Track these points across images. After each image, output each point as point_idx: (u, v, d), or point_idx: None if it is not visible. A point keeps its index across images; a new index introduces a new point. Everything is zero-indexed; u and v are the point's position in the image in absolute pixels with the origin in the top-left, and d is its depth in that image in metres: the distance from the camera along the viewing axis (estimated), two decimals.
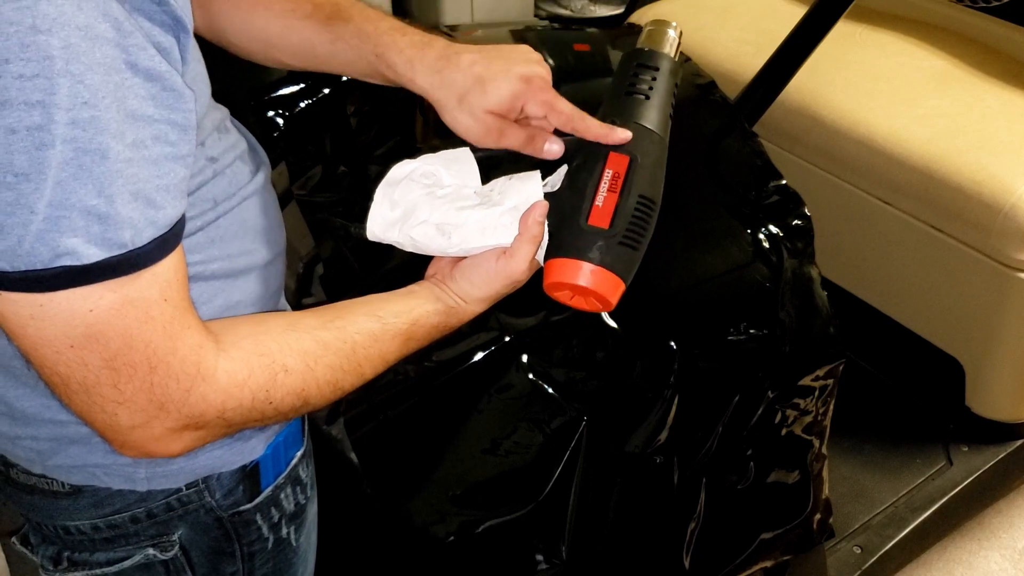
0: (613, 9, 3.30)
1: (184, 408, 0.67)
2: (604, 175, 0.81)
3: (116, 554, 0.87)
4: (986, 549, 2.02)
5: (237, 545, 0.91)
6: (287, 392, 0.72)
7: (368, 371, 0.79)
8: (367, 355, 0.78)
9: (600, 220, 0.79)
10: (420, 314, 0.82)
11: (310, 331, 0.76)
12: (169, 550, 0.87)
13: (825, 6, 1.50)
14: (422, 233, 0.82)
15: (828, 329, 1.26)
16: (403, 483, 1.20)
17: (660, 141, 0.84)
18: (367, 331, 0.78)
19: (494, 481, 1.17)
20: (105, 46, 0.59)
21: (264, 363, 0.71)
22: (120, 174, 0.60)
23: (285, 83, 1.71)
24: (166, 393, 0.66)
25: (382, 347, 0.79)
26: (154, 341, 0.64)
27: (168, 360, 0.65)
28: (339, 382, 0.76)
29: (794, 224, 1.31)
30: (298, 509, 0.95)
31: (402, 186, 0.85)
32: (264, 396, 0.71)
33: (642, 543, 1.21)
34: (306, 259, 1.61)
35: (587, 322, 1.14)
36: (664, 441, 1.14)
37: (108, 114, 0.59)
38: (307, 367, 0.73)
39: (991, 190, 1.65)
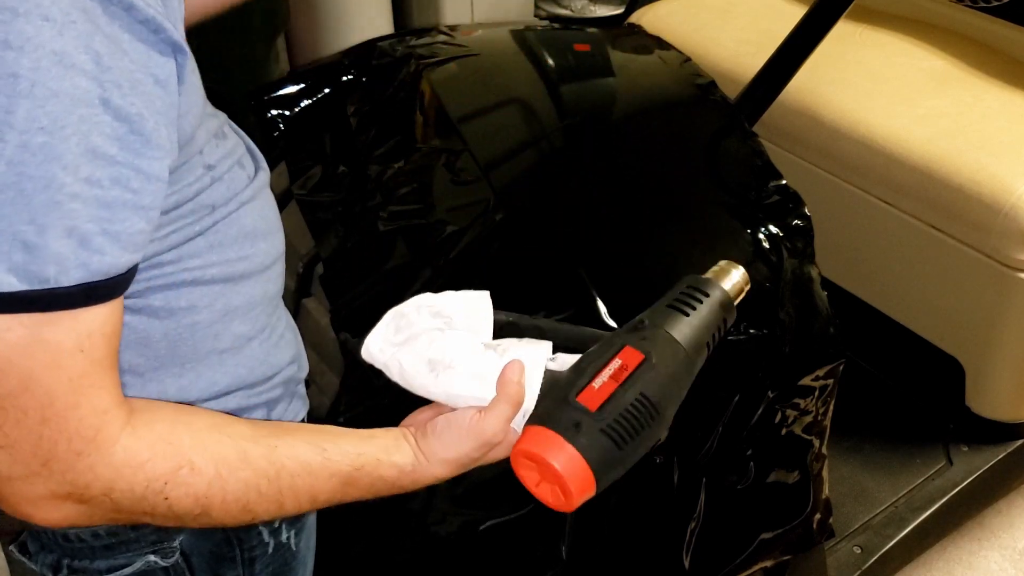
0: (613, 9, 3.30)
1: (68, 473, 0.62)
2: (611, 363, 0.77)
3: (117, 561, 0.86)
4: (986, 549, 2.02)
5: (238, 551, 0.90)
6: (187, 494, 0.67)
7: (289, 504, 0.72)
8: (292, 485, 0.72)
9: (589, 401, 0.74)
10: (369, 461, 0.75)
11: (236, 439, 0.71)
12: (170, 556, 0.86)
13: (825, 6, 1.50)
14: (411, 363, 0.79)
15: (828, 329, 1.26)
16: None
17: (686, 358, 0.80)
18: (302, 460, 0.72)
19: (494, 481, 1.17)
20: (78, 77, 0.57)
21: (169, 452, 0.66)
22: (60, 207, 0.58)
23: (285, 83, 1.71)
24: (53, 451, 0.61)
25: (313, 482, 0.73)
26: (55, 391, 0.60)
27: (65, 415, 0.61)
28: (251, 504, 0.70)
29: (794, 224, 1.31)
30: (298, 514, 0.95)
31: (412, 316, 0.82)
32: (159, 488, 0.66)
33: (642, 543, 1.21)
34: (306, 259, 1.61)
35: (587, 322, 1.14)
36: (664, 441, 1.14)
37: (64, 145, 0.57)
38: (217, 474, 0.68)
39: (991, 190, 1.65)
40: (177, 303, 0.75)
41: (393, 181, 1.45)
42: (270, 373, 0.87)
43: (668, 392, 0.78)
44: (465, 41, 1.71)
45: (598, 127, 1.54)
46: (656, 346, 0.79)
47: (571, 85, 1.64)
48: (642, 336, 0.80)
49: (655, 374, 0.77)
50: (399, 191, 1.42)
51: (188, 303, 0.75)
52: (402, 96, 1.59)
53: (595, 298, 1.14)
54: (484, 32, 1.85)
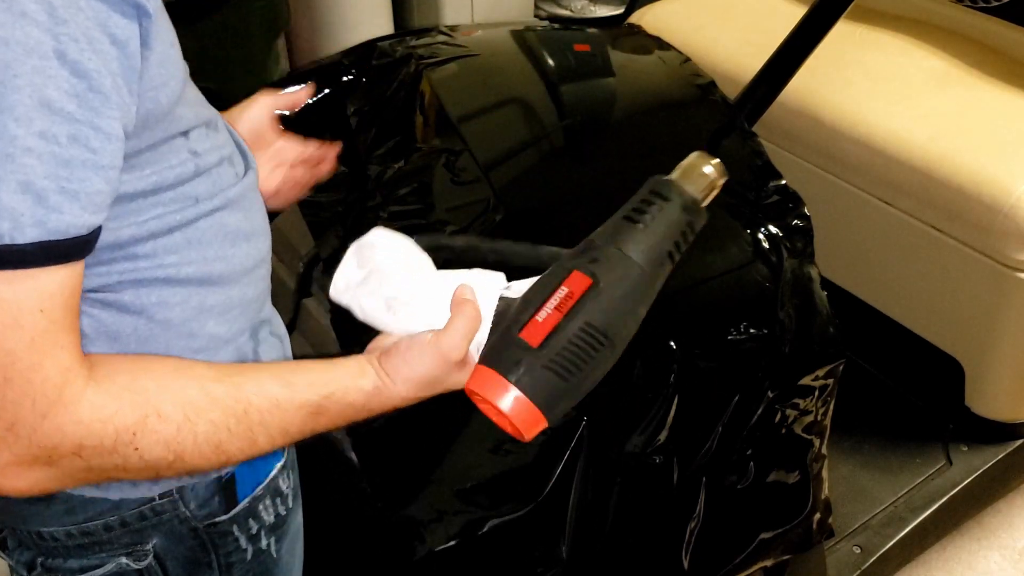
0: (613, 9, 3.31)
1: (35, 435, 0.61)
2: (557, 292, 0.73)
3: (90, 561, 0.85)
4: (986, 549, 2.02)
5: (214, 555, 0.89)
6: (157, 441, 0.66)
7: (262, 439, 0.72)
8: (262, 420, 0.71)
9: (532, 336, 0.72)
10: (336, 388, 0.74)
11: (199, 380, 0.69)
12: (143, 559, 0.85)
13: (825, 6, 1.50)
14: (371, 305, 0.78)
15: (828, 329, 1.26)
16: (403, 482, 1.20)
17: (640, 275, 0.75)
18: (269, 395, 0.72)
19: (494, 481, 1.17)
20: (29, 26, 0.56)
21: (136, 401, 0.65)
22: (11, 159, 0.56)
23: (285, 83, 1.71)
24: (18, 413, 0.60)
25: (283, 416, 0.72)
26: (16, 351, 0.59)
27: (28, 376, 0.60)
28: (223, 444, 0.69)
29: (794, 224, 1.31)
30: (279, 520, 0.94)
31: (369, 251, 0.80)
32: (129, 439, 0.65)
33: (642, 543, 1.21)
34: (306, 259, 1.61)
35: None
36: (664, 441, 1.14)
37: (16, 96, 0.56)
38: (185, 417, 0.67)
39: (991, 190, 1.65)
40: (148, 299, 0.74)
41: (393, 181, 1.45)
42: None
43: (618, 317, 0.74)
44: (465, 41, 1.71)
45: (598, 127, 1.54)
46: (606, 267, 0.74)
47: (571, 85, 1.64)
48: (592, 258, 0.75)
49: (603, 299, 0.73)
50: (399, 191, 1.42)
51: (159, 299, 0.74)
52: (402, 96, 1.59)
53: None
54: (484, 32, 1.85)
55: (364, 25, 2.96)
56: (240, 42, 2.38)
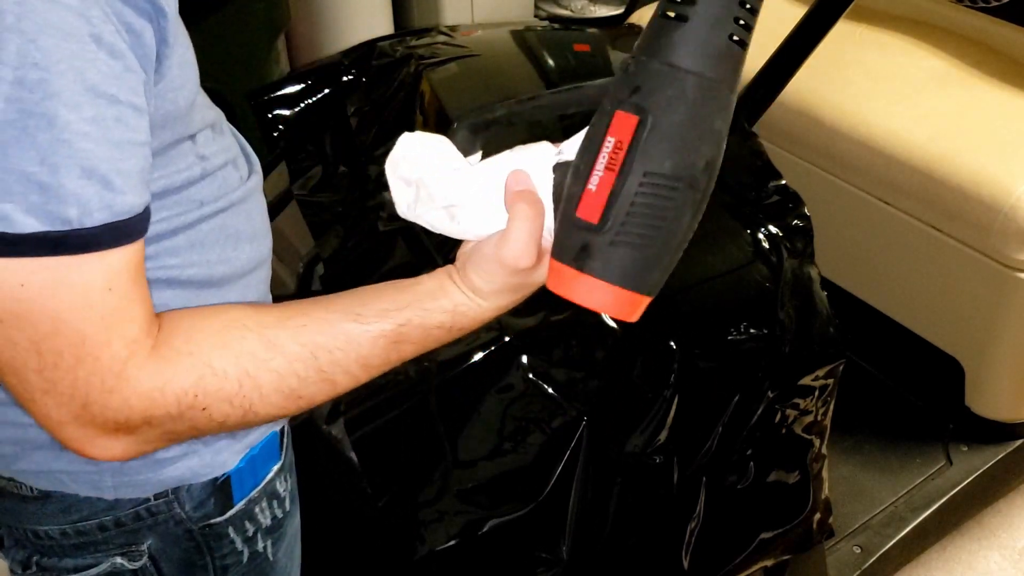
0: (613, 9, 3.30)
1: (107, 411, 0.63)
2: (603, 146, 0.62)
3: (84, 561, 0.84)
4: (986, 549, 2.02)
5: (209, 558, 0.88)
6: (220, 398, 0.65)
7: (341, 379, 0.70)
8: (334, 360, 0.69)
9: (590, 212, 0.62)
10: (414, 314, 0.71)
11: (259, 328, 0.68)
12: (138, 560, 0.85)
13: (825, 6, 1.50)
14: (435, 218, 0.72)
15: (828, 329, 1.26)
16: (403, 483, 1.20)
17: (698, 85, 0.61)
18: (337, 332, 0.69)
19: (494, 481, 1.17)
20: (64, 12, 0.57)
21: (189, 363, 0.65)
22: (69, 145, 0.57)
23: (285, 83, 1.71)
24: (88, 391, 0.62)
25: (359, 350, 0.69)
26: (85, 331, 0.60)
27: (97, 355, 0.61)
28: (295, 391, 0.68)
29: (794, 224, 1.31)
30: (275, 523, 0.93)
31: (406, 164, 0.74)
32: (191, 402, 0.65)
33: (642, 543, 1.21)
34: (306, 259, 1.62)
35: (587, 322, 1.14)
36: (664, 441, 1.14)
37: (62, 81, 0.56)
38: (243, 371, 0.66)
39: (991, 190, 1.65)
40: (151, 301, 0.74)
41: None
42: None
43: (685, 147, 0.62)
44: (465, 41, 1.72)
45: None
46: (652, 92, 0.61)
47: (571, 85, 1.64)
48: (633, 86, 0.62)
49: (657, 136, 0.61)
50: None
51: (161, 301, 0.73)
52: (402, 96, 1.59)
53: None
54: (484, 32, 1.85)
55: (364, 25, 2.96)
56: (240, 42, 2.38)
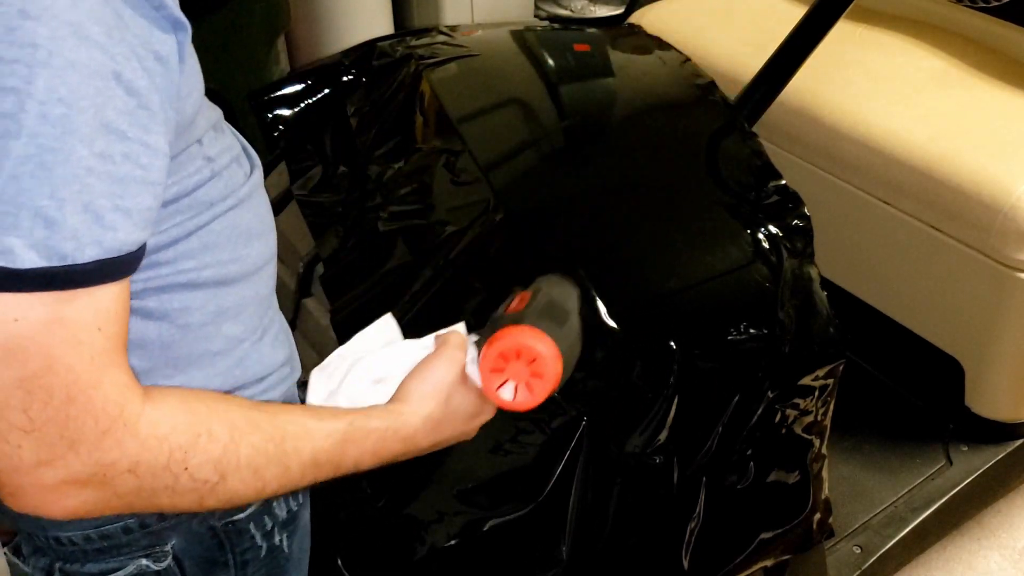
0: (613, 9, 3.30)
1: (95, 453, 0.62)
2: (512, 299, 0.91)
3: (108, 565, 0.85)
4: (986, 549, 2.02)
5: (231, 555, 0.89)
6: (205, 460, 0.67)
7: (295, 468, 0.74)
8: (296, 448, 0.74)
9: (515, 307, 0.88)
10: (358, 415, 0.80)
11: (241, 407, 0.72)
12: (162, 560, 0.86)
13: (825, 6, 1.50)
14: (357, 392, 0.85)
15: (828, 329, 1.26)
16: (403, 482, 1.20)
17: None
18: (300, 423, 0.75)
19: (494, 481, 1.17)
20: (92, 49, 0.57)
21: (189, 421, 0.67)
22: (77, 180, 0.57)
23: (285, 83, 1.71)
24: (80, 431, 0.61)
25: (314, 444, 0.75)
26: (78, 369, 0.60)
27: (90, 394, 0.61)
28: (261, 469, 0.71)
29: (794, 224, 1.31)
30: (290, 516, 0.94)
31: (332, 366, 0.89)
32: (181, 458, 0.66)
33: (642, 543, 1.21)
34: (306, 259, 1.62)
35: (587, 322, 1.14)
36: (664, 441, 1.14)
37: (82, 117, 0.57)
38: (231, 438, 0.69)
39: (991, 190, 1.65)
40: (171, 305, 0.75)
41: (393, 181, 1.45)
42: (263, 374, 0.87)
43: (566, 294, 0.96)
44: (465, 41, 1.72)
45: (598, 127, 1.54)
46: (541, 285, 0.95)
47: (571, 85, 1.64)
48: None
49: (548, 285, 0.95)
50: (399, 191, 1.42)
51: (181, 305, 0.75)
52: (402, 96, 1.59)
53: (595, 298, 1.14)
54: (484, 32, 1.85)
55: (364, 25, 2.96)
56: (240, 42, 2.38)
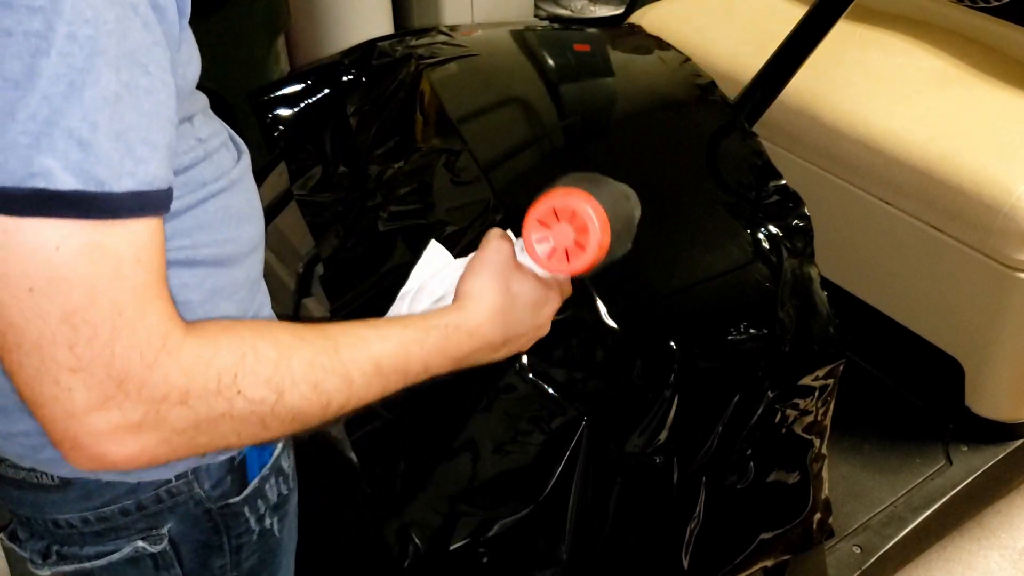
0: (613, 9, 3.31)
1: (144, 389, 0.61)
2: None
3: (105, 547, 0.85)
4: (986, 549, 2.02)
5: (225, 538, 0.90)
6: (257, 379, 0.66)
7: (357, 377, 0.72)
8: (353, 357, 0.72)
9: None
10: (415, 317, 0.79)
11: (285, 327, 0.71)
12: (159, 543, 0.86)
13: (825, 6, 1.50)
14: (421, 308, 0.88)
15: (828, 329, 1.26)
16: (402, 483, 1.20)
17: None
18: (353, 332, 0.74)
19: (494, 481, 1.17)
20: None
21: (232, 342, 0.66)
22: (108, 105, 0.57)
23: (285, 83, 1.71)
24: (127, 366, 0.60)
25: (372, 349, 0.73)
26: (122, 301, 0.59)
27: (134, 326, 0.60)
28: (320, 383, 0.70)
29: (794, 224, 1.31)
30: (281, 500, 0.95)
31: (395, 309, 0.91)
32: (231, 380, 0.64)
33: (642, 543, 1.21)
34: (306, 259, 1.62)
35: (587, 322, 1.14)
36: (664, 441, 1.14)
37: (107, 41, 0.57)
38: (280, 355, 0.68)
39: (991, 190, 1.65)
40: (170, 281, 0.73)
41: (393, 181, 1.45)
42: None
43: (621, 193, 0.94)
44: (465, 41, 1.72)
45: (598, 127, 1.54)
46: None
47: (571, 85, 1.64)
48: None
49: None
50: (399, 191, 1.42)
51: (180, 282, 0.75)
52: (402, 96, 1.59)
53: (595, 298, 1.14)
54: (484, 32, 1.85)
55: (364, 25, 2.96)
56: (241, 42, 2.38)
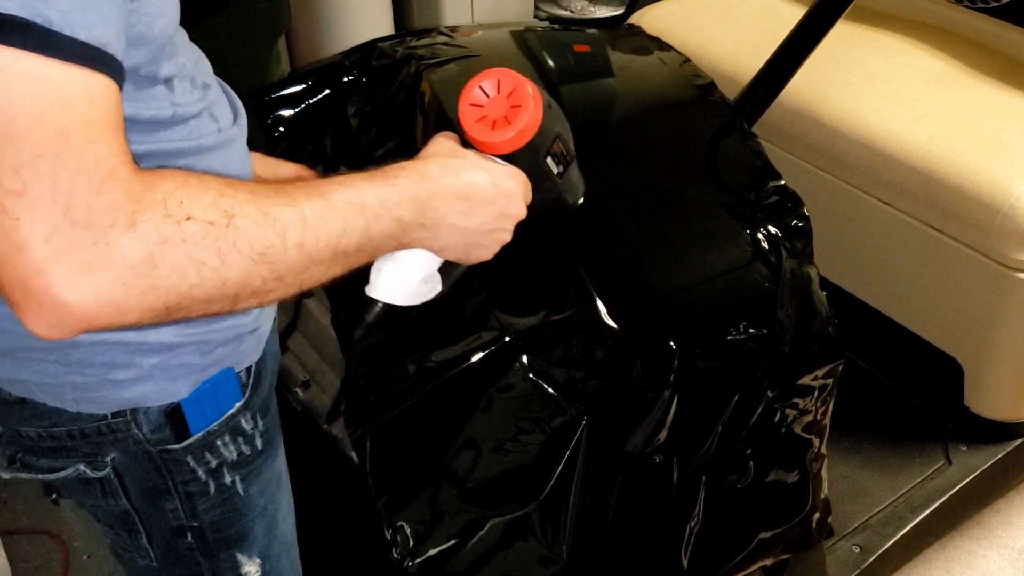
0: (613, 10, 3.31)
1: (92, 214, 0.60)
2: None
3: (56, 463, 0.90)
4: (985, 548, 2.02)
5: (171, 483, 0.92)
6: (203, 201, 0.65)
7: (307, 209, 0.71)
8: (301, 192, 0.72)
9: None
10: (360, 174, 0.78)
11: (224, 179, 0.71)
12: (101, 470, 0.89)
13: (825, 6, 1.50)
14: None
15: (827, 329, 1.27)
16: (403, 482, 1.21)
17: None
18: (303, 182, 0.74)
19: (494, 481, 1.17)
20: None
21: (176, 173, 0.66)
22: None
23: (286, 83, 1.71)
24: (73, 190, 0.59)
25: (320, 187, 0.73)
26: (68, 128, 0.59)
27: (82, 153, 0.60)
28: (270, 211, 0.68)
29: (793, 224, 1.32)
30: (242, 459, 0.96)
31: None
32: (177, 205, 0.63)
33: (642, 542, 1.22)
34: None
35: (587, 322, 1.15)
36: (663, 441, 1.14)
37: None
38: (225, 184, 0.68)
39: (990, 191, 1.66)
40: None
41: None
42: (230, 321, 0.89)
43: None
44: (465, 42, 1.72)
45: (597, 128, 1.55)
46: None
47: (571, 86, 1.65)
48: None
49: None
50: None
51: None
52: (402, 97, 1.59)
53: (595, 298, 1.15)
54: (484, 33, 1.85)
55: (364, 26, 2.97)
56: (241, 43, 2.38)
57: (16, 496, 2.14)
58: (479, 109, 0.82)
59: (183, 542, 0.97)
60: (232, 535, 0.99)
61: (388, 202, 0.77)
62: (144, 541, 0.97)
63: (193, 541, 0.97)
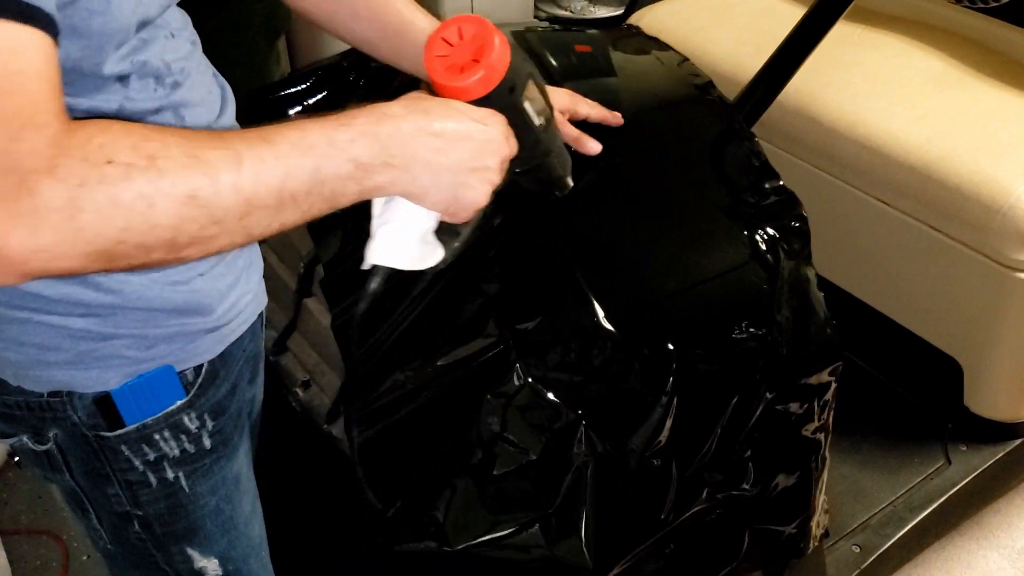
0: (613, 10, 3.31)
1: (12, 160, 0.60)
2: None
3: (7, 430, 0.94)
4: (985, 548, 2.02)
5: (109, 469, 0.93)
6: (123, 146, 0.64)
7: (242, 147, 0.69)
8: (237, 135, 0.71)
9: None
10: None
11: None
12: (44, 444, 0.92)
13: (825, 6, 1.50)
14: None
15: (825, 331, 1.27)
16: (403, 482, 1.21)
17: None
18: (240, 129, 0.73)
19: (494, 483, 1.17)
20: None
21: (101, 121, 0.66)
22: None
23: (286, 83, 1.71)
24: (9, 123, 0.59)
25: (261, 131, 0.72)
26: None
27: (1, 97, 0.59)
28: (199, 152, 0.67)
29: (791, 225, 1.32)
30: (186, 456, 0.96)
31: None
32: (97, 145, 0.63)
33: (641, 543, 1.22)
34: (306, 259, 1.62)
35: (585, 326, 1.15)
36: (662, 443, 1.14)
37: None
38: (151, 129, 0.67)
39: (989, 191, 1.66)
40: None
41: None
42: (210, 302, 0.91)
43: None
44: None
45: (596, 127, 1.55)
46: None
47: (570, 86, 1.65)
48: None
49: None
50: None
51: None
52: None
53: (592, 301, 1.15)
54: None
55: None
56: (241, 43, 2.38)
57: (16, 496, 2.14)
58: (445, 59, 0.80)
59: (131, 529, 0.99)
60: (180, 530, 1.00)
61: (339, 141, 0.73)
62: (95, 522, 0.99)
63: (141, 531, 0.99)
